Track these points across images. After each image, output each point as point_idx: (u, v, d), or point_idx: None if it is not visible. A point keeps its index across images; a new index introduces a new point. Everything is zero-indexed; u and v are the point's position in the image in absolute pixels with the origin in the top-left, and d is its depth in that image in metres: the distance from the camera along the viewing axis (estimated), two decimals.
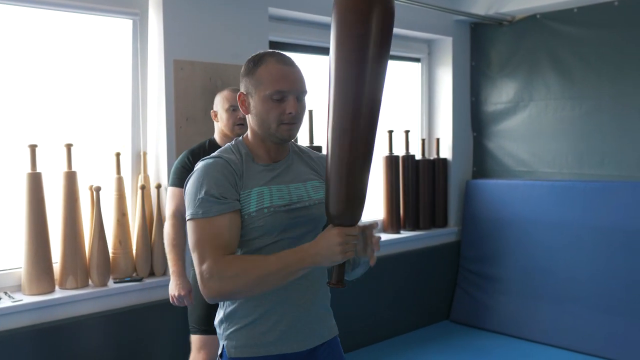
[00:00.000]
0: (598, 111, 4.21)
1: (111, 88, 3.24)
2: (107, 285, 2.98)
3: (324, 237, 1.52)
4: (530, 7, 4.37)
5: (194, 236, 1.58)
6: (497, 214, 4.61)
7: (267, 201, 1.62)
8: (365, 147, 1.53)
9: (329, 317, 1.79)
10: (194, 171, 1.65)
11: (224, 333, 1.68)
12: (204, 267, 1.54)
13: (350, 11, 1.45)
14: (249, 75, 1.67)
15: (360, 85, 1.48)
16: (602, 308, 4.00)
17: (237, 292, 1.57)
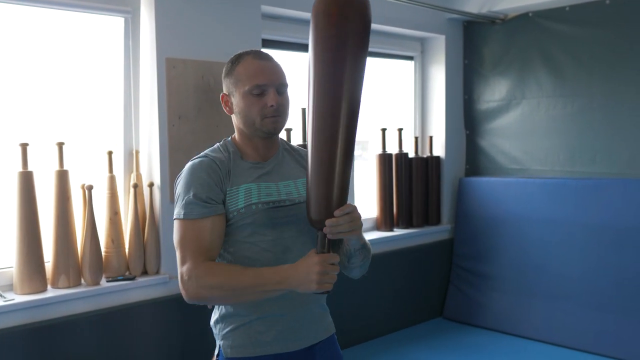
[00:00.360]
0: (590, 109, 4.23)
1: (103, 86, 3.23)
2: (100, 284, 2.97)
3: (304, 263, 1.51)
4: (522, 5, 4.38)
5: (177, 236, 1.62)
6: (489, 211, 4.62)
7: (255, 198, 1.63)
8: (345, 148, 1.52)
9: (326, 315, 1.80)
10: (182, 172, 1.67)
11: (220, 333, 1.69)
12: (184, 268, 1.57)
13: (324, 14, 1.48)
14: (229, 75, 1.70)
15: (338, 86, 1.49)
16: (594, 305, 4.02)
17: (213, 300, 1.62)
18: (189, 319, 3.14)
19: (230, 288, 1.55)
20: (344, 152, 1.53)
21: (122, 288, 3.02)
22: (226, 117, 1.78)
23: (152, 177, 3.20)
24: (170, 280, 3.15)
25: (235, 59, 1.70)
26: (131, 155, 3.22)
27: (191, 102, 3.23)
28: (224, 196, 1.62)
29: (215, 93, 3.30)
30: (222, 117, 3.28)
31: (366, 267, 1.76)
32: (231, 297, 1.59)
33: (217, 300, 1.62)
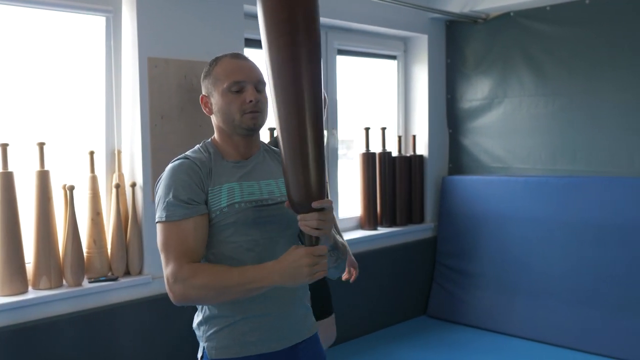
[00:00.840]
0: (570, 108, 4.28)
1: (84, 86, 3.21)
2: (82, 285, 2.95)
3: (290, 257, 1.51)
4: (504, 5, 4.41)
5: (160, 239, 1.61)
6: (472, 209, 4.65)
7: (237, 197, 1.63)
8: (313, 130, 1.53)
9: (309, 315, 1.80)
10: (163, 174, 1.67)
11: (204, 335, 1.68)
12: (169, 271, 1.58)
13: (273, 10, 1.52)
14: (207, 77, 1.72)
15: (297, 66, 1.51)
16: (575, 301, 4.07)
17: (201, 300, 1.62)
18: (173, 319, 3.13)
19: (217, 288, 1.55)
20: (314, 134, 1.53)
21: (105, 289, 3.00)
22: (209, 117, 1.78)
23: (135, 177, 3.18)
24: (153, 280, 3.14)
25: (214, 61, 1.73)
26: (113, 155, 3.20)
27: (174, 101, 3.22)
28: (206, 196, 1.62)
29: (198, 93, 3.24)
30: (205, 117, 3.24)
31: (342, 268, 1.76)
32: (218, 297, 1.59)
33: (205, 300, 1.62)
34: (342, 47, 4.46)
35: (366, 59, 4.76)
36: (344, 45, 4.47)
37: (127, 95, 3.18)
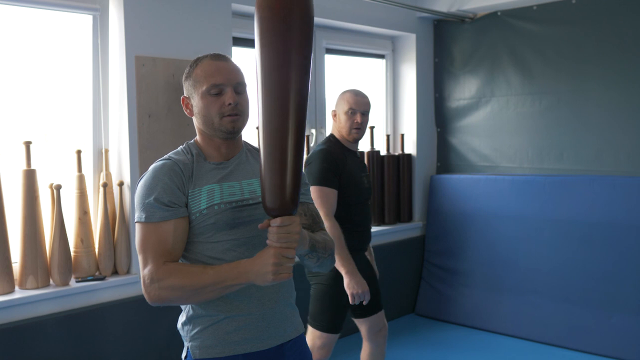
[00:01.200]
0: (557, 106, 4.31)
1: (71, 85, 3.19)
2: (69, 285, 2.94)
3: (260, 257, 1.54)
4: (491, 4, 4.44)
5: (139, 239, 1.62)
6: (460, 208, 4.68)
7: (217, 198, 1.64)
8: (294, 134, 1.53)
9: (295, 315, 1.80)
10: (144, 174, 1.68)
11: (188, 334, 1.68)
12: (146, 271, 1.58)
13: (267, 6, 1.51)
14: (188, 78, 1.72)
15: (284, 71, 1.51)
16: (562, 299, 4.10)
17: (176, 301, 1.61)
18: (160, 319, 3.13)
19: (192, 288, 1.55)
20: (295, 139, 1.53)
21: (92, 288, 2.99)
22: None
23: (122, 176, 3.17)
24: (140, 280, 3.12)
25: (194, 63, 1.72)
26: (100, 154, 3.19)
27: (161, 100, 3.21)
28: (187, 199, 1.63)
29: None
30: None
31: (328, 264, 1.77)
32: (193, 297, 1.59)
33: (180, 301, 1.62)
34: (331, 46, 4.47)
35: (354, 57, 4.77)
36: (333, 44, 4.47)
37: (114, 93, 3.17)
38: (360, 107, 2.83)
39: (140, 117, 3.13)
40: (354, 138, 2.85)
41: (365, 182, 2.90)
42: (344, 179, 2.77)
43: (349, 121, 2.81)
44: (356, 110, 2.81)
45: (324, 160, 2.74)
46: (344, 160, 2.80)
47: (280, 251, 1.52)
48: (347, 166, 2.80)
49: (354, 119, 2.81)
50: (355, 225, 2.83)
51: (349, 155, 2.86)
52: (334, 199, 2.73)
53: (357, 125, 2.81)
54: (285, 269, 1.53)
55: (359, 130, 2.83)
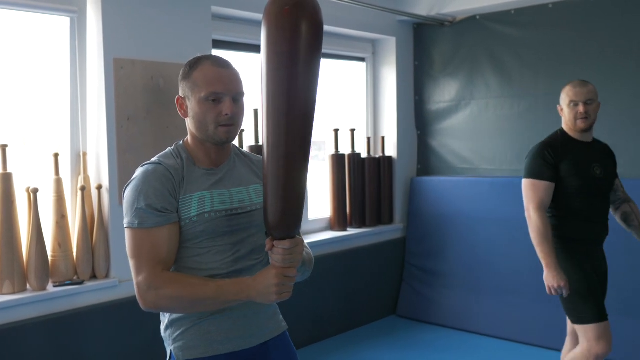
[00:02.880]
0: (535, 109, 4.36)
1: (49, 87, 3.16)
2: (47, 289, 2.91)
3: (263, 276, 1.56)
4: (470, 8, 4.48)
5: (132, 246, 1.60)
6: (441, 210, 4.71)
7: (208, 206, 1.63)
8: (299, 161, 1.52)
9: (276, 313, 1.82)
10: (134, 177, 1.65)
11: (171, 337, 1.68)
12: (141, 278, 1.57)
13: (277, 28, 1.44)
14: (186, 79, 1.68)
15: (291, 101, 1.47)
16: (540, 299, 4.13)
17: (170, 310, 1.62)
18: (140, 323, 3.10)
19: (191, 299, 1.56)
20: (301, 165, 1.53)
21: (70, 293, 2.96)
22: (177, 119, 1.77)
23: (101, 180, 3.15)
24: (120, 284, 3.11)
25: (194, 63, 1.68)
26: (78, 157, 3.16)
27: (140, 103, 3.19)
28: (177, 204, 1.62)
29: (165, 94, 3.27)
30: (173, 119, 3.25)
31: (306, 275, 1.78)
32: (190, 308, 1.60)
33: (175, 310, 1.63)
34: None
35: (335, 61, 4.78)
36: None
37: (92, 96, 3.14)
38: (580, 98, 2.85)
39: (119, 120, 3.11)
40: (581, 128, 2.85)
41: (598, 172, 2.85)
42: (563, 169, 2.82)
43: (572, 113, 2.85)
44: (577, 101, 2.84)
45: (537, 154, 2.85)
46: (567, 151, 2.84)
47: (282, 271, 1.54)
48: (571, 157, 2.83)
49: (576, 110, 2.83)
50: (576, 215, 2.84)
51: (576, 146, 2.88)
52: (544, 192, 2.80)
53: (580, 116, 2.83)
54: (287, 289, 1.56)
55: (584, 119, 2.83)
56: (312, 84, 1.50)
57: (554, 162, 2.83)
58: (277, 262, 1.55)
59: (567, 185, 2.83)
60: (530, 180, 2.84)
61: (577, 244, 2.84)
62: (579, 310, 2.81)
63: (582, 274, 2.80)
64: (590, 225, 2.85)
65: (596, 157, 2.91)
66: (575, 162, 2.83)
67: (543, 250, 2.78)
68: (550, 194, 2.83)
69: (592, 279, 2.81)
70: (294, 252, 1.56)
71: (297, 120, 1.49)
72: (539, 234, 2.78)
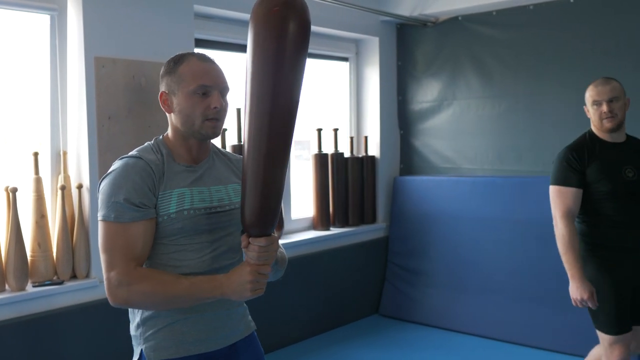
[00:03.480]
0: (515, 109, 4.40)
1: (28, 85, 3.13)
2: (26, 290, 2.88)
3: (237, 273, 1.56)
4: (452, 9, 4.51)
5: (105, 239, 1.58)
6: (423, 209, 4.73)
7: (187, 203, 1.63)
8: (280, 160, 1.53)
9: (246, 314, 1.83)
10: (113, 169, 1.63)
11: (143, 336, 1.67)
12: (112, 273, 1.55)
13: (265, 27, 1.44)
14: (170, 74, 1.67)
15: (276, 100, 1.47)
16: (522, 298, 4.18)
17: (141, 306, 1.61)
18: (120, 323, 3.06)
19: (163, 296, 1.55)
20: (281, 163, 1.53)
21: (50, 293, 2.93)
22: (159, 118, 1.76)
23: (81, 179, 3.12)
24: (100, 284, 3.08)
25: (179, 59, 1.68)
26: (59, 156, 3.14)
27: (122, 102, 3.17)
28: (156, 200, 1.61)
29: (147, 93, 3.25)
30: (155, 118, 3.24)
31: (279, 275, 1.79)
32: (162, 305, 1.59)
33: (147, 306, 1.62)
34: None
35: (318, 60, 4.79)
36: None
37: (73, 95, 3.12)
38: (603, 96, 2.73)
39: (100, 119, 3.09)
40: (607, 128, 2.73)
41: (630, 175, 2.70)
42: (590, 174, 2.71)
43: (596, 113, 2.75)
44: (600, 100, 2.74)
45: (562, 159, 2.76)
46: (594, 154, 2.73)
47: (257, 268, 1.54)
48: (598, 160, 2.71)
49: (600, 110, 2.74)
50: (606, 221, 2.71)
51: (605, 147, 2.75)
52: (571, 199, 2.70)
53: (605, 115, 2.72)
54: (260, 285, 1.56)
55: (610, 118, 2.71)
56: (297, 84, 1.51)
57: (580, 167, 2.72)
58: (252, 259, 1.55)
59: (595, 190, 2.70)
60: (557, 187, 2.74)
61: (608, 252, 2.72)
62: (598, 316, 2.73)
63: (609, 283, 2.69)
64: (622, 231, 2.70)
65: (629, 158, 2.74)
66: (604, 165, 2.70)
67: (567, 260, 2.69)
68: (578, 200, 2.72)
69: (621, 289, 2.68)
70: (269, 249, 1.56)
71: (281, 119, 1.49)
72: (564, 243, 2.69)
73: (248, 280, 1.53)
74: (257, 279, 1.54)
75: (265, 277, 1.57)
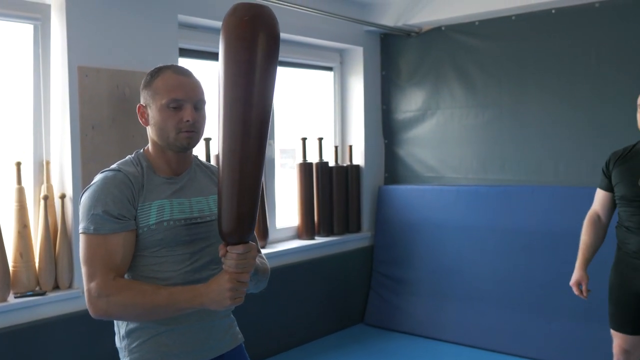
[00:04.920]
0: (499, 119, 4.44)
1: (11, 95, 3.11)
2: (7, 300, 2.85)
3: (216, 282, 1.54)
4: (435, 19, 4.55)
5: (85, 251, 1.58)
6: (408, 218, 4.75)
7: (167, 214, 1.63)
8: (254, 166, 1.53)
9: (233, 325, 1.82)
10: (92, 183, 1.64)
11: (127, 349, 1.66)
12: (92, 285, 1.55)
13: (237, 38, 1.47)
14: (147, 87, 1.69)
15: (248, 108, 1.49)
16: (506, 306, 4.21)
17: (121, 317, 1.61)
18: (104, 334, 3.04)
19: (143, 307, 1.55)
20: (256, 171, 1.54)
21: (32, 304, 2.90)
22: (142, 128, 1.75)
23: (64, 189, 3.10)
24: (83, 294, 3.05)
25: (155, 72, 1.70)
26: (41, 165, 3.11)
27: (105, 111, 3.16)
28: (136, 212, 1.61)
29: (131, 103, 3.24)
30: (139, 128, 3.22)
31: (261, 287, 1.78)
32: (142, 316, 1.59)
33: (127, 317, 1.61)
34: (280, 58, 4.47)
35: (303, 70, 4.81)
36: (281, 57, 4.42)
37: (56, 104, 3.10)
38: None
39: (83, 129, 3.08)
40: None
41: None
42: (613, 177, 2.85)
43: (639, 117, 2.77)
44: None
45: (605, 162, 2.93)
46: (624, 160, 2.83)
47: (235, 277, 1.53)
48: (623, 165, 2.81)
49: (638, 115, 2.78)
50: (622, 225, 2.85)
51: (637, 153, 2.81)
52: (598, 200, 2.94)
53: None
54: (240, 294, 1.55)
55: None
56: (269, 93, 1.53)
57: (607, 171, 2.89)
58: (230, 267, 1.54)
59: (616, 194, 2.86)
60: (597, 188, 2.97)
61: (623, 254, 2.86)
62: (608, 312, 2.92)
63: (615, 280, 2.88)
64: (634, 236, 2.78)
65: None
66: (624, 171, 2.81)
67: (578, 252, 2.94)
68: (605, 202, 2.92)
69: (624, 289, 2.83)
70: (247, 257, 1.55)
71: (254, 127, 1.51)
72: (581, 237, 2.94)
73: (227, 288, 1.52)
74: (236, 287, 1.53)
75: (244, 285, 1.56)
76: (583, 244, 2.94)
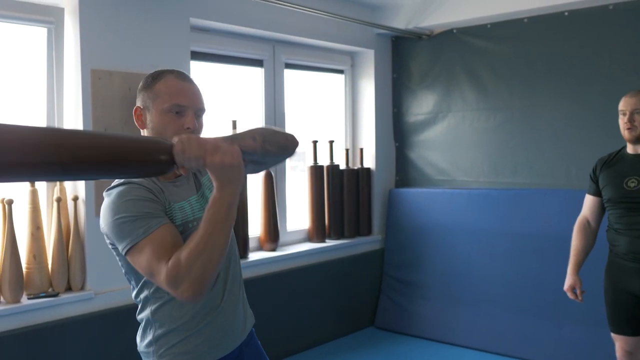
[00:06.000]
0: (510, 122, 4.42)
1: (25, 98, 3.14)
2: (21, 302, 2.87)
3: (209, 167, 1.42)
4: (447, 22, 4.54)
5: (141, 262, 1.49)
6: (419, 221, 4.74)
7: (189, 215, 1.63)
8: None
9: (246, 307, 1.84)
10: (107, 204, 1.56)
11: (156, 354, 1.65)
12: (161, 278, 1.45)
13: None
14: (147, 90, 1.66)
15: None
16: (517, 310, 4.19)
17: (205, 271, 1.43)
18: (115, 335, 3.08)
19: (204, 244, 1.41)
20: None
21: (45, 305, 2.92)
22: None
23: (77, 191, 3.12)
24: (95, 296, 3.08)
25: (157, 75, 1.67)
26: None
27: (118, 114, 3.18)
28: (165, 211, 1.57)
29: None
30: None
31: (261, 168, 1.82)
32: (213, 253, 1.43)
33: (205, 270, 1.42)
34: (290, 61, 4.50)
35: (314, 72, 4.81)
36: (292, 60, 4.51)
37: (69, 107, 3.13)
38: (627, 107, 2.85)
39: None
40: (627, 138, 2.86)
41: (632, 185, 2.81)
42: (600, 181, 2.93)
43: (620, 123, 2.87)
44: (624, 110, 2.85)
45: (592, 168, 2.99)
46: (610, 164, 2.91)
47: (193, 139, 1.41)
48: (610, 169, 2.89)
49: (623, 120, 2.85)
50: (611, 227, 2.91)
51: (623, 158, 2.90)
52: (587, 205, 3.01)
53: (625, 126, 2.83)
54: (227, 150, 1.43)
55: (629, 129, 2.83)
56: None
57: (594, 176, 2.96)
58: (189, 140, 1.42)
59: (603, 197, 2.92)
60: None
61: (614, 256, 2.92)
62: (606, 316, 2.98)
63: (608, 283, 2.94)
64: (623, 238, 2.84)
65: (637, 169, 2.84)
66: (610, 174, 2.88)
67: (570, 257, 3.00)
68: (594, 207, 2.98)
69: (617, 291, 2.90)
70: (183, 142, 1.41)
71: None
72: (571, 242, 3.00)
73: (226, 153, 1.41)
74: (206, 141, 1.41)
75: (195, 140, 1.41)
76: (574, 249, 2.99)
